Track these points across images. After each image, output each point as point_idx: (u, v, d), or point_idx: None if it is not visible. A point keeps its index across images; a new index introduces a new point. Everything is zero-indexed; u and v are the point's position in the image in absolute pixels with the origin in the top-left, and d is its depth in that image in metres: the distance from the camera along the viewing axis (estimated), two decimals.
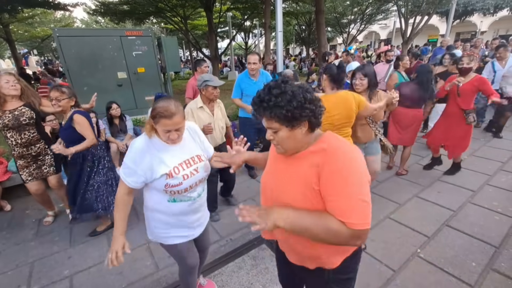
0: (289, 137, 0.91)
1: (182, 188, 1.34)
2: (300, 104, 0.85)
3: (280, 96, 0.85)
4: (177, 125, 1.25)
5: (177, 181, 1.32)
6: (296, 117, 0.86)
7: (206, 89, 2.42)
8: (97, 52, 5.09)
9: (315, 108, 0.88)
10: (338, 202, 0.84)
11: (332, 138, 0.93)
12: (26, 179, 2.61)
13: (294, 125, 0.88)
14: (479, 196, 3.02)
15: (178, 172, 1.32)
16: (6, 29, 12.71)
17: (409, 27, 13.90)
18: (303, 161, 0.93)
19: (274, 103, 0.85)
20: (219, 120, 2.63)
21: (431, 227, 2.53)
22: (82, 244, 2.57)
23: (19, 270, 2.30)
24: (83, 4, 12.07)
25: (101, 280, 2.14)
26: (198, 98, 2.53)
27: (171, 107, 1.22)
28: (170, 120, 1.22)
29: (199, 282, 1.94)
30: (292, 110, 0.84)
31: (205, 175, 1.46)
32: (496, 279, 1.96)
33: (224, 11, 12.89)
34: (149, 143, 1.31)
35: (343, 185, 0.83)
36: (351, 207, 0.82)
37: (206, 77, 2.43)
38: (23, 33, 17.80)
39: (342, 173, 0.83)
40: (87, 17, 25.39)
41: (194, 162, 1.40)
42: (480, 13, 18.02)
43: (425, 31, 16.22)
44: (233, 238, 2.51)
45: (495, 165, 3.71)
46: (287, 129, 0.89)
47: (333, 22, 18.36)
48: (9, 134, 2.44)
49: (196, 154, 1.43)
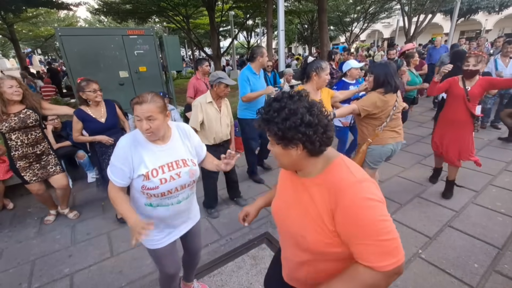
0: (283, 154, 0.86)
1: (159, 192, 1.30)
2: (294, 125, 0.78)
3: (277, 112, 0.80)
4: (147, 113, 1.21)
5: (153, 185, 1.27)
6: (288, 138, 0.80)
7: (219, 85, 2.47)
8: (99, 51, 5.11)
9: (312, 134, 0.78)
10: (361, 246, 0.77)
11: (342, 169, 0.83)
12: (30, 179, 2.59)
13: (287, 144, 0.82)
14: (482, 196, 2.98)
15: (156, 175, 1.27)
16: (10, 28, 12.82)
17: (413, 26, 13.79)
18: (309, 191, 0.87)
19: (270, 117, 0.81)
20: (225, 117, 2.67)
21: (432, 228, 2.51)
22: (83, 242, 2.59)
23: (21, 268, 2.31)
24: (85, 3, 12.14)
25: (101, 278, 2.14)
26: (207, 93, 2.57)
27: (145, 95, 1.23)
28: (140, 106, 1.21)
29: (192, 286, 1.92)
30: (284, 129, 0.79)
31: (189, 181, 1.39)
32: (499, 281, 1.93)
33: (226, 10, 12.88)
34: (134, 139, 1.29)
35: (362, 230, 0.76)
36: (376, 251, 0.75)
37: (221, 74, 2.49)
38: (27, 32, 17.98)
39: (358, 216, 0.76)
40: (90, 17, 25.53)
41: (178, 166, 1.34)
42: (485, 11, 17.85)
43: (428, 29, 16.09)
44: (233, 238, 2.51)
45: (499, 165, 3.66)
46: (280, 146, 0.84)
47: (335, 20, 18.30)
48: (14, 136, 2.43)
49: (181, 158, 1.36)
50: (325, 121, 0.81)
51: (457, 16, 13.20)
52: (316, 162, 0.87)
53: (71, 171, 3.91)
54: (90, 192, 3.53)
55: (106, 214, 3.02)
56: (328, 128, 0.81)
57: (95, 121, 2.57)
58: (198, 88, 3.90)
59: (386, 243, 0.75)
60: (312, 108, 0.80)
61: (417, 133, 5.07)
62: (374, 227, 0.75)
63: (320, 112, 0.81)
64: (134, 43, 5.38)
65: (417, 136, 4.84)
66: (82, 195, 3.49)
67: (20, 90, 2.40)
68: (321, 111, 0.81)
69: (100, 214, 3.04)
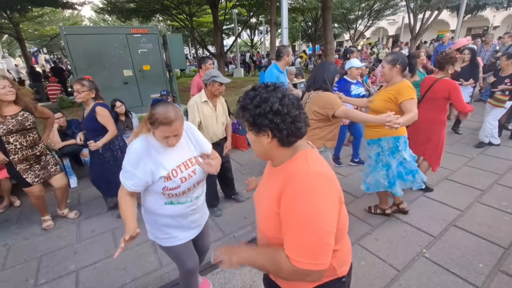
0: (256, 142, 0.90)
1: (180, 191, 1.33)
2: (263, 112, 0.81)
3: (251, 99, 0.84)
4: (177, 131, 1.24)
5: (175, 184, 1.30)
6: (257, 124, 0.84)
7: (213, 84, 2.46)
8: (103, 50, 5.15)
9: (280, 122, 0.81)
10: (288, 235, 0.79)
11: (299, 160, 0.86)
12: (32, 181, 2.57)
13: (258, 131, 0.85)
14: (488, 195, 2.95)
15: (176, 175, 1.30)
16: (16, 28, 12.97)
17: (418, 23, 13.60)
18: (275, 179, 0.90)
19: (244, 104, 0.86)
20: (220, 116, 2.66)
21: (437, 227, 2.48)
22: (88, 239, 2.62)
23: (28, 264, 2.35)
24: (90, 2, 12.21)
25: (106, 275, 2.17)
26: (202, 92, 2.56)
27: (170, 114, 1.20)
28: (169, 127, 1.20)
29: None
30: (254, 115, 0.83)
31: (203, 176, 1.44)
32: (504, 281, 1.91)
33: (230, 8, 12.87)
34: (148, 144, 1.28)
35: (295, 216, 0.77)
36: (298, 242, 0.76)
37: (214, 72, 2.46)
38: (33, 31, 18.16)
39: (296, 202, 0.77)
40: (95, 16, 25.69)
41: (192, 164, 1.38)
42: (493, 7, 17.52)
43: (434, 26, 15.87)
44: (236, 236, 2.52)
45: (505, 164, 3.61)
46: (252, 133, 0.88)
47: (340, 18, 18.14)
48: (13, 138, 2.39)
49: (194, 155, 1.41)
50: (295, 112, 0.83)
51: (464, 12, 12.97)
52: (286, 153, 0.90)
53: (76, 169, 3.96)
54: (95, 190, 3.57)
55: (111, 212, 3.05)
56: (297, 119, 0.83)
57: None
58: (201, 87, 3.89)
59: (312, 240, 0.75)
60: (283, 98, 0.83)
61: None
62: (306, 219, 0.75)
63: (292, 103, 0.83)
64: (138, 42, 5.40)
65: None
66: (88, 193, 3.53)
67: (13, 90, 2.33)
68: (293, 103, 0.84)
69: (105, 212, 3.07)
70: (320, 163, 0.86)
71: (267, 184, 0.97)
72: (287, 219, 0.79)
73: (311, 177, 0.79)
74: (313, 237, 0.75)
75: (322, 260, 0.76)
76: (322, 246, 0.76)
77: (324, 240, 0.76)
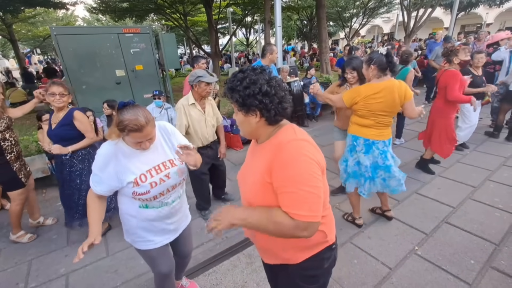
0: (243, 121, 0.95)
1: (151, 196, 1.29)
2: (252, 93, 0.87)
3: (240, 81, 0.89)
4: (149, 136, 1.20)
5: (144, 189, 1.26)
6: (247, 104, 0.89)
7: (199, 85, 2.37)
8: (95, 50, 5.09)
9: (269, 103, 0.88)
10: (285, 194, 0.85)
11: (287, 131, 0.93)
12: (25, 181, 2.53)
13: (247, 111, 0.91)
14: (480, 192, 2.97)
15: (145, 179, 1.25)
16: (9, 29, 12.81)
17: (412, 20, 13.65)
18: (262, 154, 0.96)
19: (233, 86, 0.90)
20: (210, 118, 2.57)
21: (429, 224, 2.49)
22: (79, 243, 2.56)
23: (18, 268, 2.32)
24: (82, 2, 12.07)
25: (97, 278, 2.15)
26: (189, 94, 2.48)
27: (140, 120, 1.13)
28: (141, 133, 1.16)
29: (180, 284, 1.91)
30: (244, 96, 0.88)
31: (179, 180, 1.38)
32: (495, 277, 1.92)
33: (224, 7, 12.79)
34: (116, 149, 1.24)
35: (289, 177, 0.84)
36: (296, 198, 0.83)
37: (200, 72, 2.36)
38: (26, 32, 17.93)
39: (289, 164, 0.84)
40: (88, 15, 25.42)
41: (165, 168, 1.32)
42: (486, 4, 17.66)
43: (428, 24, 15.91)
44: (228, 236, 2.50)
45: (497, 160, 3.64)
46: (241, 113, 0.93)
47: (335, 16, 18.12)
48: (8, 134, 2.37)
49: (168, 159, 1.35)
50: (282, 94, 0.90)
51: (458, 9, 13.04)
52: (271, 130, 0.96)
53: None
54: None
55: None
56: (283, 100, 0.91)
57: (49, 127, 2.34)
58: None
59: (307, 194, 0.83)
60: (271, 80, 0.89)
61: (416, 129, 5.05)
62: (300, 177, 0.83)
63: (279, 85, 0.90)
64: (130, 42, 5.35)
65: (415, 132, 4.80)
66: None
67: None
68: (279, 85, 0.91)
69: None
70: (306, 134, 0.94)
71: (252, 161, 1.04)
72: (282, 181, 0.85)
73: (302, 143, 0.88)
74: (308, 193, 0.83)
75: (317, 212, 0.85)
76: (316, 200, 0.84)
77: (317, 194, 0.85)
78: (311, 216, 0.83)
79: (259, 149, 1.00)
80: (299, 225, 0.83)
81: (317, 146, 0.93)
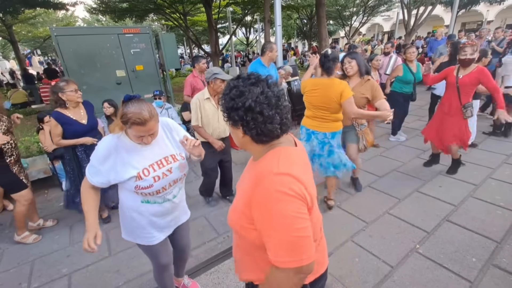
0: (233, 132, 0.88)
1: (154, 190, 1.31)
2: (235, 107, 0.78)
3: (230, 89, 0.81)
4: (151, 130, 1.21)
5: (147, 183, 1.28)
6: (230, 117, 0.82)
7: (215, 81, 2.48)
8: (95, 51, 5.08)
9: (250, 120, 0.77)
10: (267, 239, 0.76)
11: (271, 159, 0.81)
12: (27, 182, 2.55)
13: (232, 124, 0.83)
14: (481, 190, 2.96)
15: (148, 174, 1.27)
16: (9, 30, 12.83)
17: (412, 18, 13.61)
18: (250, 176, 0.87)
19: (224, 92, 0.83)
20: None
21: (431, 222, 2.49)
22: (81, 243, 2.58)
23: (21, 268, 2.33)
24: (82, 2, 12.09)
25: (99, 278, 2.15)
26: (205, 90, 2.60)
27: (144, 113, 1.15)
28: (144, 127, 1.17)
29: (182, 283, 1.92)
30: (227, 107, 0.81)
31: (180, 175, 1.41)
32: (497, 275, 1.92)
33: (224, 6, 12.77)
34: (118, 142, 1.25)
35: (268, 221, 0.75)
36: (279, 246, 0.74)
37: (216, 70, 2.50)
38: (26, 33, 17.95)
39: (267, 206, 0.74)
40: (88, 16, 25.43)
41: (168, 163, 1.34)
42: (487, 1, 17.53)
43: (429, 22, 15.88)
44: (230, 235, 2.51)
45: (499, 158, 3.63)
46: (229, 123, 0.85)
47: (335, 15, 18.09)
48: (8, 137, 2.35)
49: (170, 154, 1.37)
50: (269, 113, 0.77)
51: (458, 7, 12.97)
52: (261, 149, 0.87)
53: None
54: None
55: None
56: (269, 120, 0.77)
57: (76, 123, 2.43)
58: (195, 86, 3.88)
59: (289, 239, 0.73)
60: (260, 95, 0.77)
61: (416, 126, 5.04)
62: (279, 221, 0.73)
63: (268, 103, 0.77)
64: (130, 42, 5.34)
65: (416, 130, 4.80)
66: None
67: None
68: (269, 102, 0.77)
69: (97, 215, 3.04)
70: (293, 163, 0.81)
71: (247, 176, 0.94)
72: (261, 223, 0.77)
73: (282, 179, 0.75)
74: (293, 238, 0.73)
75: (307, 253, 0.75)
76: (304, 242, 0.74)
77: (304, 235, 0.74)
78: (297, 261, 0.74)
79: (252, 167, 0.91)
80: (288, 273, 0.75)
81: (307, 171, 0.84)
